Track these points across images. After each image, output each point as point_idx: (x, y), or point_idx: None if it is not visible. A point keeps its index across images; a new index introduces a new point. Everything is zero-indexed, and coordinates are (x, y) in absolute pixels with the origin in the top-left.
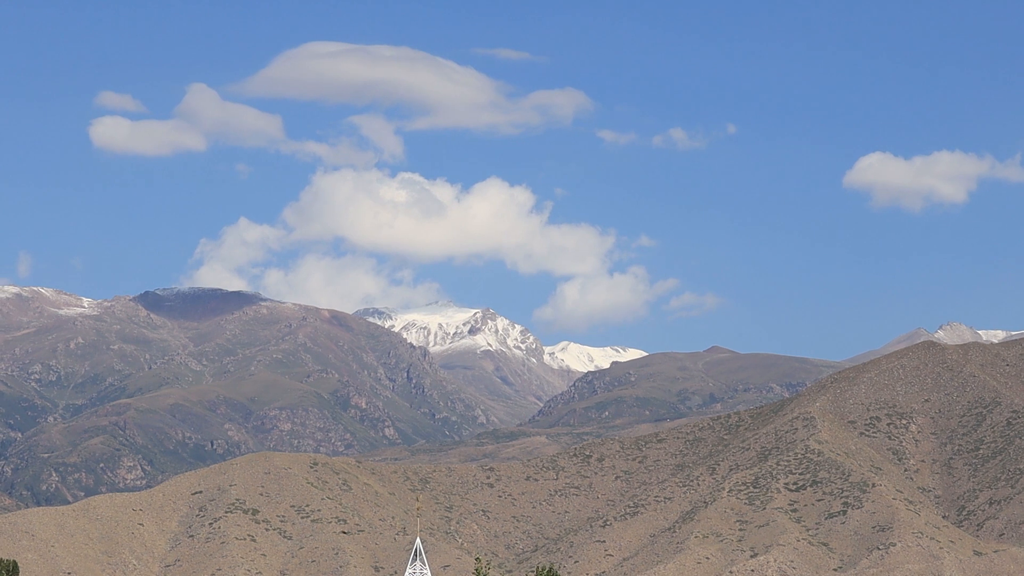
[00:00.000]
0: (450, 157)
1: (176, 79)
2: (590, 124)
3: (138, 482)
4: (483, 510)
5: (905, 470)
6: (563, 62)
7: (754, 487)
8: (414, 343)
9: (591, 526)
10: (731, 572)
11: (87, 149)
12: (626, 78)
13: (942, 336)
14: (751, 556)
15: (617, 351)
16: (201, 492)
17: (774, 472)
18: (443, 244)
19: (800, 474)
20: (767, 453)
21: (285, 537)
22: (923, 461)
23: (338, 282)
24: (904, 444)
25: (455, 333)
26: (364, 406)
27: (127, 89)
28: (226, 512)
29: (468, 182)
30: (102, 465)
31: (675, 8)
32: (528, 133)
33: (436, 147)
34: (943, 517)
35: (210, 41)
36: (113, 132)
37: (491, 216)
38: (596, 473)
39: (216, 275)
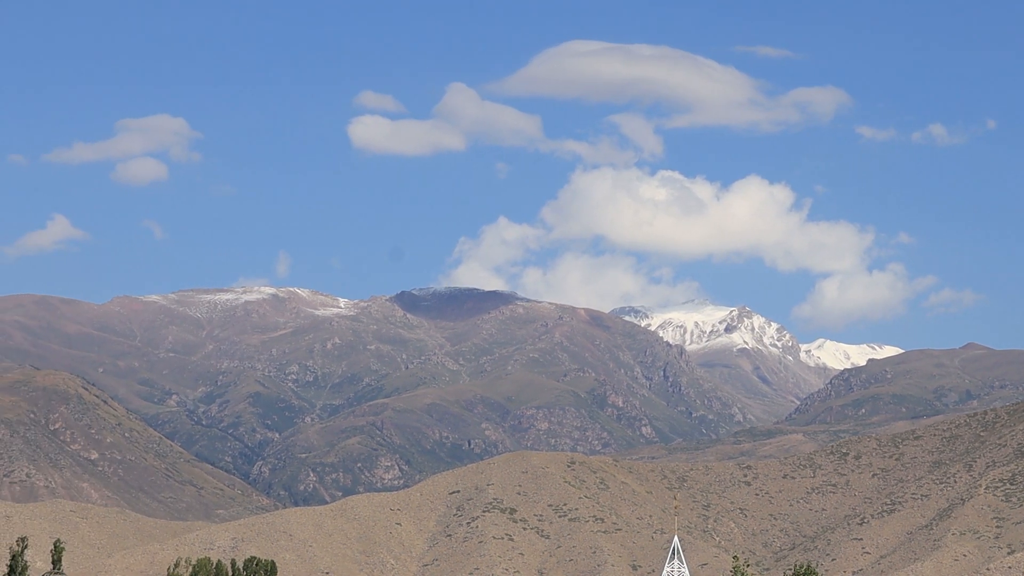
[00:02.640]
0: (709, 155)
1: (436, 79)
2: (849, 121)
3: (395, 482)
4: (740, 508)
5: None
6: (823, 59)
7: (1011, 484)
8: (670, 341)
9: (848, 524)
10: (988, 569)
11: (346, 149)
12: (885, 74)
13: None
14: (1008, 553)
15: (873, 348)
16: (458, 491)
17: None
18: (702, 242)
19: None
20: None
21: (542, 536)
22: None
23: (596, 281)
24: None
25: (711, 331)
26: (621, 405)
27: (387, 89)
28: (484, 511)
29: (727, 180)
30: (359, 465)
31: (935, 4)
32: (788, 131)
33: (695, 145)
34: None
35: (470, 41)
36: (373, 132)
37: (750, 214)
38: (853, 471)
39: (475, 274)
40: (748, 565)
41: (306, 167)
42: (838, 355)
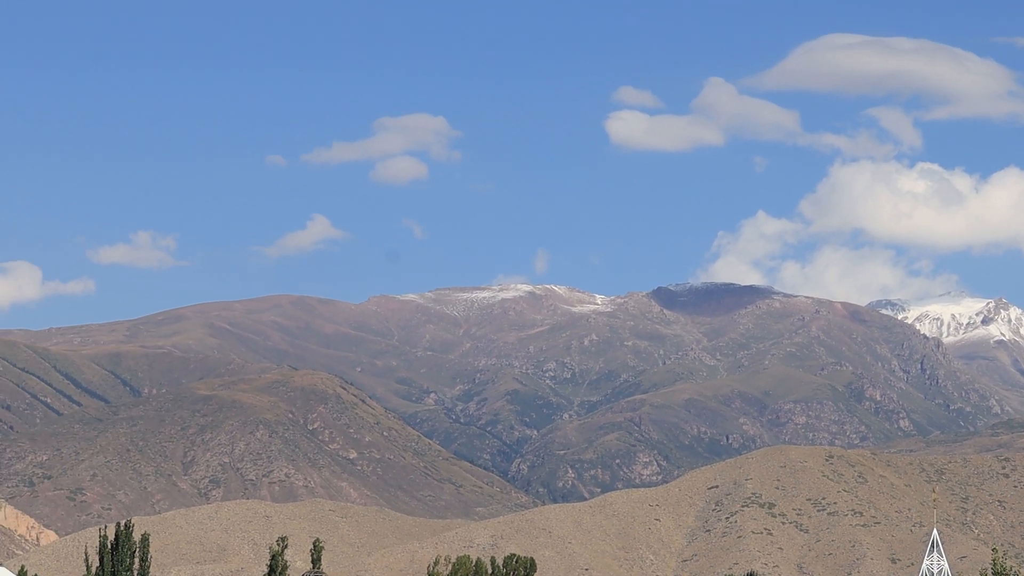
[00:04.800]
0: (968, 147)
1: (694, 74)
2: None
3: (654, 477)
4: (999, 500)
5: None
6: None
7: None
8: (927, 334)
9: None
10: None
11: (604, 144)
12: None
13: None
14: None
15: None
16: (717, 487)
17: None
18: (961, 234)
19: None
20: None
21: (801, 530)
22: None
23: (854, 274)
24: None
25: (968, 324)
26: (879, 398)
27: (646, 84)
28: (742, 506)
29: (986, 171)
30: (618, 461)
31: None
32: None
33: (954, 137)
34: None
35: (728, 35)
36: (631, 127)
37: (1010, 206)
38: None
39: (732, 268)
40: (1007, 558)
41: (564, 163)
42: None
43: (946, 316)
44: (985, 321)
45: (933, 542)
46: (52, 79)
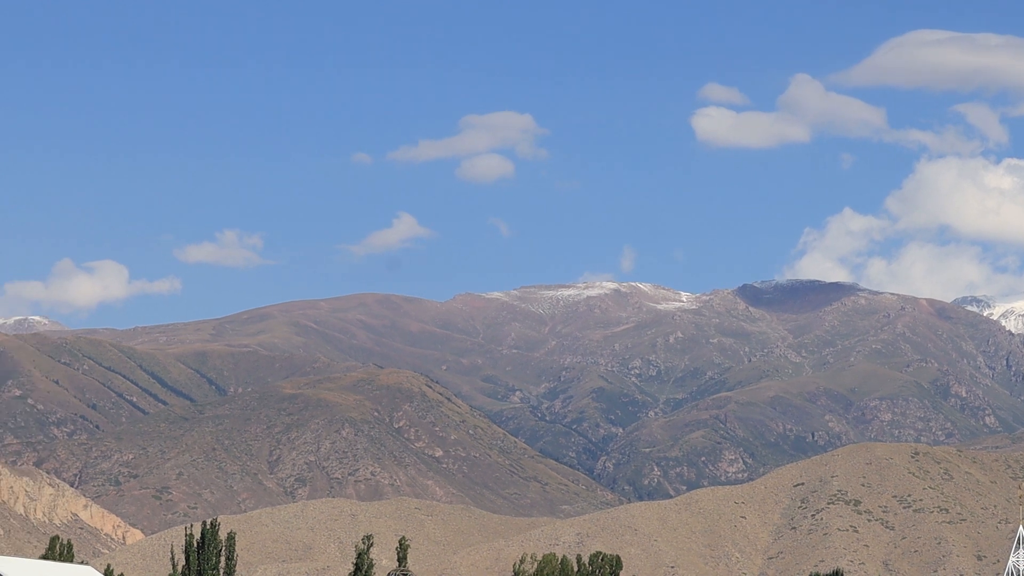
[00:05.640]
0: None
1: (780, 70)
2: None
3: (739, 475)
4: None
5: None
6: None
7: None
8: (1012, 331)
9: None
10: None
11: (690, 141)
12: None
13: None
14: None
15: None
16: (803, 484)
17: None
18: None
19: None
20: None
21: (887, 528)
22: None
23: (940, 271)
24: None
25: None
26: (964, 395)
27: (732, 81)
28: (828, 503)
29: None
30: (703, 459)
31: None
32: None
33: None
34: None
35: (814, 32)
36: (717, 124)
37: None
38: None
39: (818, 266)
40: None
41: (650, 160)
42: None
43: None
44: None
45: (1019, 539)
46: (141, 80)
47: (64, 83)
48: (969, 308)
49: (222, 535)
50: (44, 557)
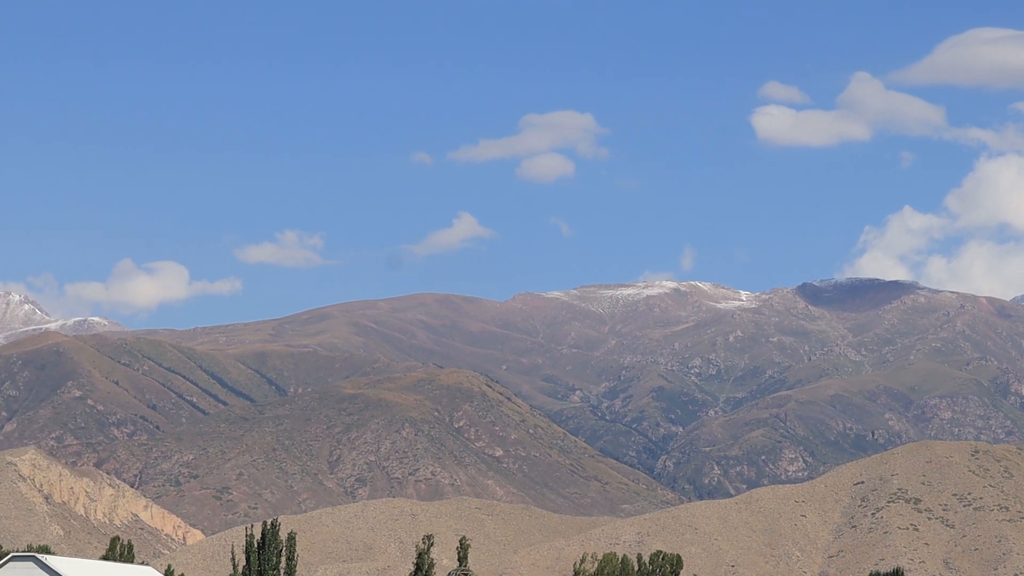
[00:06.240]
0: None
1: (840, 69)
2: None
3: (799, 474)
4: None
5: None
6: None
7: None
8: None
9: None
10: None
11: (751, 140)
12: None
13: None
14: None
15: None
16: (863, 482)
17: None
18: None
19: None
20: None
21: (947, 526)
22: None
23: (1000, 269)
24: None
25: None
26: None
27: (792, 80)
28: (888, 502)
29: None
30: (763, 457)
31: None
32: None
33: None
34: None
35: (874, 30)
36: (777, 123)
37: None
38: None
39: (878, 263)
40: None
41: (710, 159)
42: None
43: None
44: None
45: None
46: (200, 79)
47: (129, 85)
48: None
49: (282, 535)
50: (105, 558)
